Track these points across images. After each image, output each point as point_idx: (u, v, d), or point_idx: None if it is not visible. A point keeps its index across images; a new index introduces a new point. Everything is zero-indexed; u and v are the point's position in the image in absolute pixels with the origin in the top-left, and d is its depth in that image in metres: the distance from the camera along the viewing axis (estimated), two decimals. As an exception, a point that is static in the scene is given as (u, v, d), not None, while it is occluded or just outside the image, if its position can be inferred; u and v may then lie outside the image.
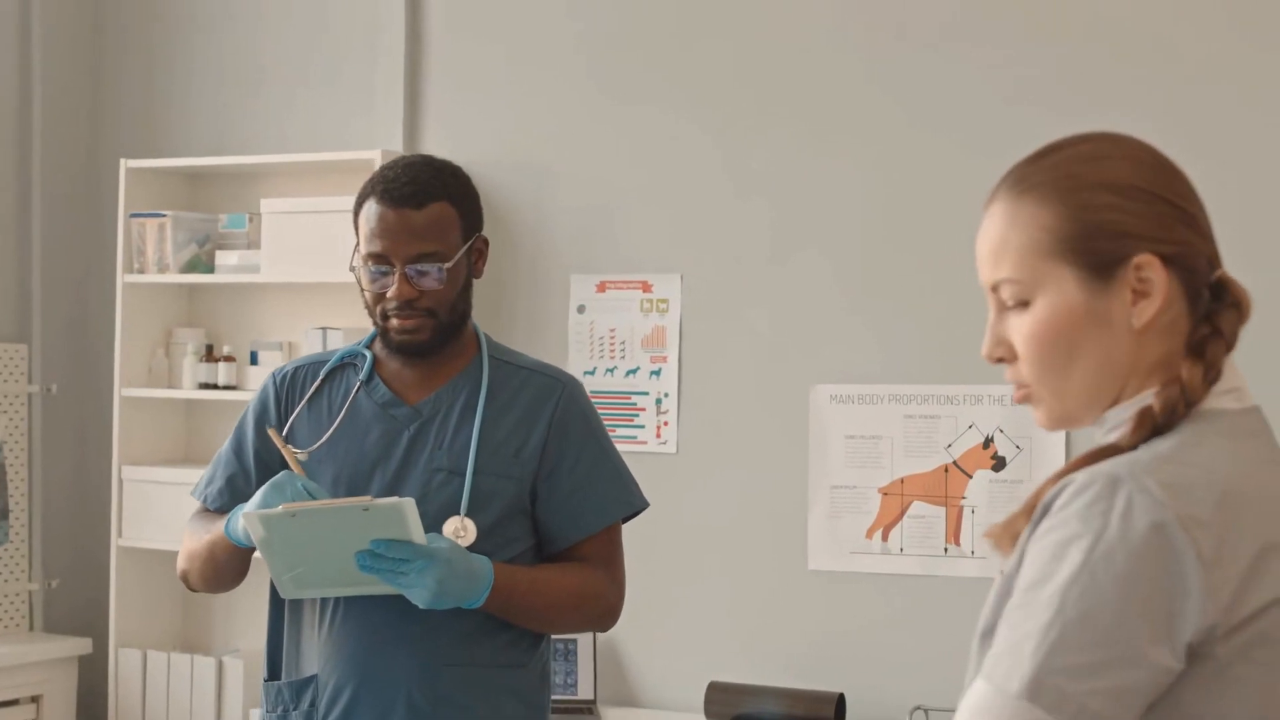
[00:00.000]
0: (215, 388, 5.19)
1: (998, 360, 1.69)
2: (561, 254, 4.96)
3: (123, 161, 5.27)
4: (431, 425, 2.85)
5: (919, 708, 4.38)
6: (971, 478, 4.49)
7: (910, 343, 4.57)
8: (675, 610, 4.76)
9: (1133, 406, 1.63)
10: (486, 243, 2.91)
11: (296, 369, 2.96)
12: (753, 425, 4.74)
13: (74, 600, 5.52)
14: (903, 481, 4.57)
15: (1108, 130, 1.71)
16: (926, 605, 4.51)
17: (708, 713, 4.51)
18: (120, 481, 5.20)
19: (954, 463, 4.52)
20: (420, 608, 2.68)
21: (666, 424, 4.84)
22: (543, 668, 2.92)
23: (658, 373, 4.86)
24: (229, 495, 2.92)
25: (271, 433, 2.81)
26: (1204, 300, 1.65)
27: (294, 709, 2.84)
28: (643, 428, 4.83)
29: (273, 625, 2.92)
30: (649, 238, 4.88)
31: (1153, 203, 1.62)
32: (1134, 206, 1.62)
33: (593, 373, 4.87)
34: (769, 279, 4.73)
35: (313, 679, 2.82)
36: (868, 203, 4.64)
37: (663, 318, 4.87)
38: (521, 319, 4.93)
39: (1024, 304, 1.65)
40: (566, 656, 4.72)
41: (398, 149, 5.11)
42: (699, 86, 4.84)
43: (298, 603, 2.86)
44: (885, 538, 4.57)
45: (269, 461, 2.89)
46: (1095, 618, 1.48)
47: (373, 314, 2.85)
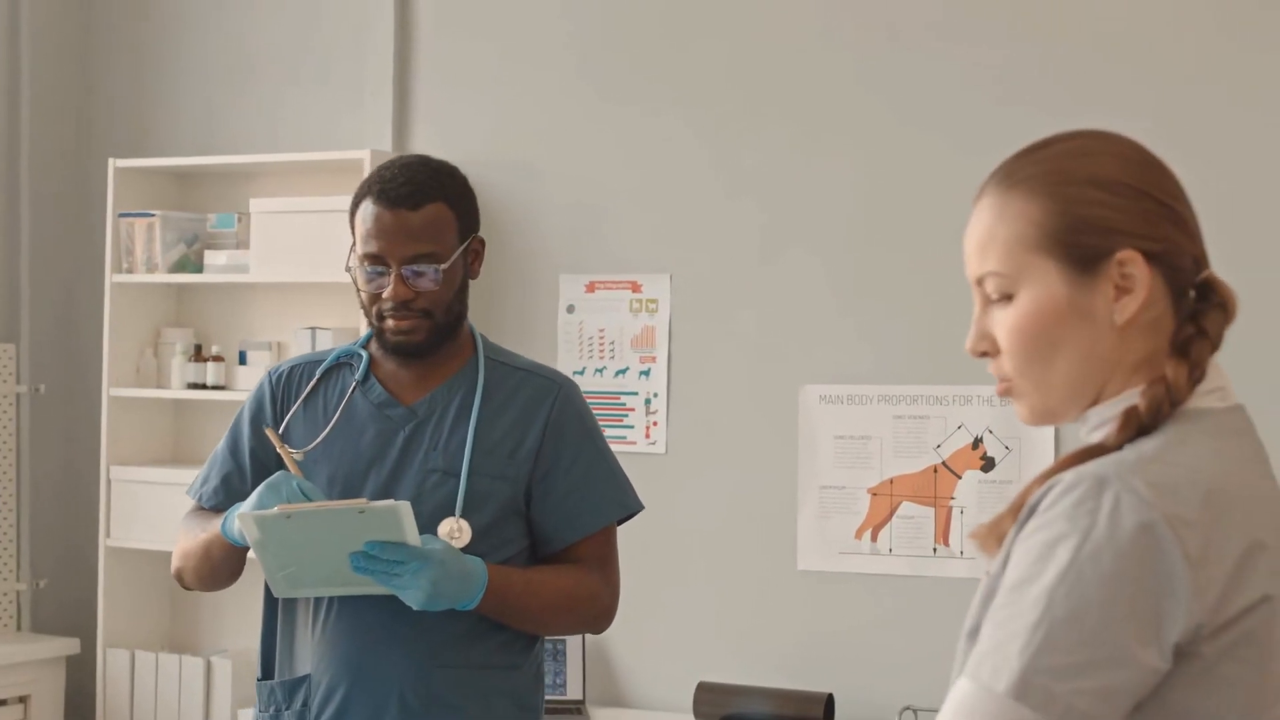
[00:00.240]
0: (204, 388, 5.18)
1: (981, 354, 1.69)
2: (551, 254, 4.96)
3: (111, 161, 5.26)
4: (427, 426, 2.85)
5: (908, 708, 4.38)
6: (960, 478, 4.49)
7: (900, 343, 4.57)
8: (664, 610, 4.76)
9: (1117, 405, 1.63)
10: (483, 243, 2.91)
11: (292, 368, 2.96)
12: (742, 426, 4.74)
13: (62, 600, 5.51)
14: (892, 482, 4.57)
15: (1098, 128, 1.71)
16: (915, 605, 4.51)
17: (697, 713, 4.51)
18: (108, 481, 5.19)
19: (943, 463, 4.52)
20: (414, 609, 2.68)
21: (656, 424, 4.84)
22: (537, 669, 2.92)
23: (647, 373, 4.86)
24: (224, 494, 2.92)
25: (269, 432, 2.81)
26: (1189, 300, 1.65)
27: (287, 709, 2.83)
28: (632, 428, 4.83)
29: (266, 625, 2.91)
30: (639, 238, 4.88)
31: (1139, 199, 1.63)
32: (1120, 202, 1.62)
33: (582, 373, 4.87)
34: (758, 279, 4.73)
35: (305, 679, 2.82)
36: (857, 203, 4.64)
37: (652, 318, 4.86)
38: (511, 319, 4.93)
39: (1008, 297, 1.66)
40: (555, 656, 4.71)
41: (387, 148, 5.10)
42: (689, 86, 4.84)
43: (291, 602, 2.86)
44: (874, 538, 4.57)
45: (264, 460, 2.88)
46: (1083, 617, 1.48)
47: (369, 314, 2.85)
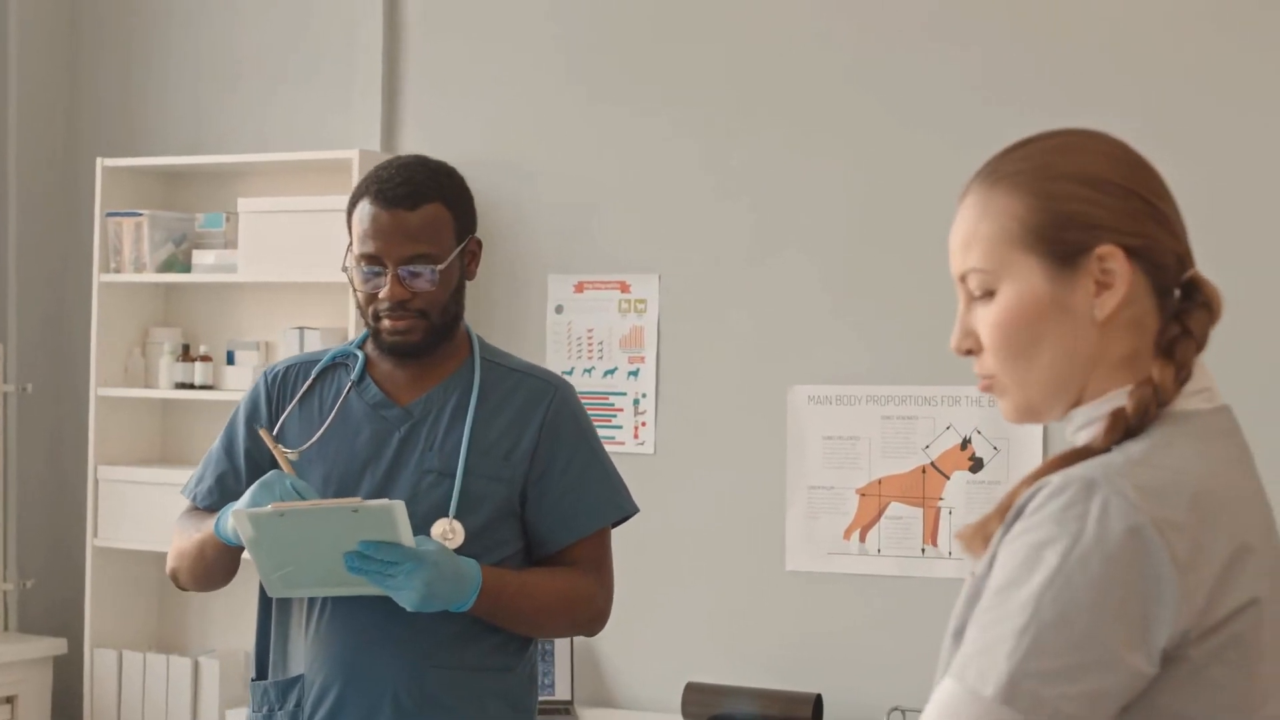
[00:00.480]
0: (192, 387, 5.18)
1: (966, 352, 1.69)
2: (539, 254, 4.95)
3: (99, 160, 5.25)
4: (422, 426, 2.84)
5: (896, 708, 4.39)
6: (949, 479, 4.50)
7: (888, 344, 4.57)
8: (653, 611, 4.76)
9: (1103, 406, 1.63)
10: (480, 244, 2.91)
11: (288, 368, 2.96)
12: (731, 426, 4.74)
13: (49, 600, 5.50)
14: (880, 482, 4.57)
15: (1085, 127, 1.71)
16: (904, 606, 4.51)
17: (685, 713, 4.51)
18: (96, 481, 5.18)
19: (932, 464, 4.52)
20: (407, 610, 2.68)
21: (644, 424, 4.83)
22: (531, 671, 2.92)
23: (636, 373, 4.86)
24: (219, 494, 2.91)
25: (262, 433, 2.81)
26: (1174, 299, 1.65)
27: (279, 709, 2.83)
28: (620, 428, 4.82)
29: (261, 625, 2.91)
30: (627, 238, 4.88)
31: (1122, 196, 1.63)
32: (1102, 198, 1.62)
33: (570, 373, 4.86)
34: (747, 280, 4.73)
35: (299, 679, 2.82)
36: (846, 204, 4.64)
37: (641, 318, 4.86)
38: (499, 319, 4.92)
39: (990, 294, 1.66)
40: (544, 657, 4.71)
41: (376, 148, 5.10)
42: (678, 86, 4.84)
43: (286, 602, 2.85)
44: (863, 538, 4.57)
45: (259, 460, 2.88)
46: (1071, 621, 1.48)
47: (365, 314, 2.84)
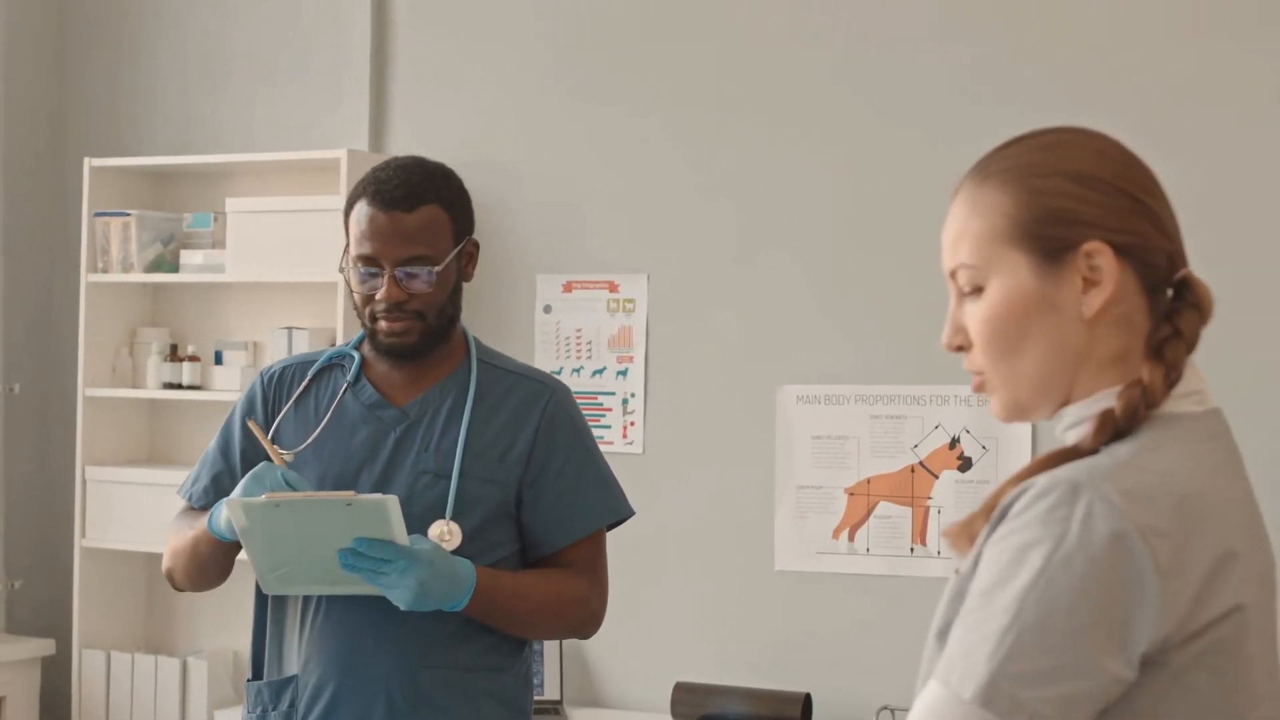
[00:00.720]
0: (180, 387, 5.17)
1: (956, 349, 1.69)
2: (528, 254, 4.95)
3: (87, 160, 5.24)
4: (418, 427, 2.84)
5: (885, 707, 4.39)
6: (938, 478, 4.50)
7: (877, 343, 4.58)
8: (642, 610, 4.75)
9: (1092, 405, 1.63)
10: (477, 246, 2.91)
11: (284, 369, 2.96)
12: (719, 426, 4.74)
13: (37, 601, 5.49)
14: (869, 482, 4.58)
15: (1078, 125, 1.71)
16: (893, 605, 4.51)
17: (674, 713, 4.51)
18: (84, 482, 5.17)
19: (920, 463, 4.52)
20: (401, 609, 2.68)
21: (633, 424, 4.83)
22: (525, 672, 2.92)
23: (624, 373, 4.86)
24: (214, 494, 2.90)
25: (251, 424, 2.80)
26: (1165, 298, 1.65)
27: (273, 709, 2.83)
28: (609, 428, 4.82)
29: (257, 625, 2.91)
30: (616, 238, 4.88)
31: (1111, 194, 1.62)
32: (1091, 195, 1.62)
33: (559, 373, 4.86)
34: (736, 279, 4.73)
35: (293, 679, 2.82)
36: (834, 204, 4.64)
37: (629, 318, 4.86)
38: (488, 319, 4.92)
39: (978, 290, 1.66)
40: (533, 657, 4.70)
41: (364, 148, 5.09)
42: (666, 86, 4.84)
43: (281, 603, 2.85)
44: (852, 538, 4.58)
45: (255, 461, 2.87)
46: (1052, 625, 1.48)
47: (361, 315, 2.84)
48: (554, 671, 4.73)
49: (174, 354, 5.22)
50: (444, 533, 2.75)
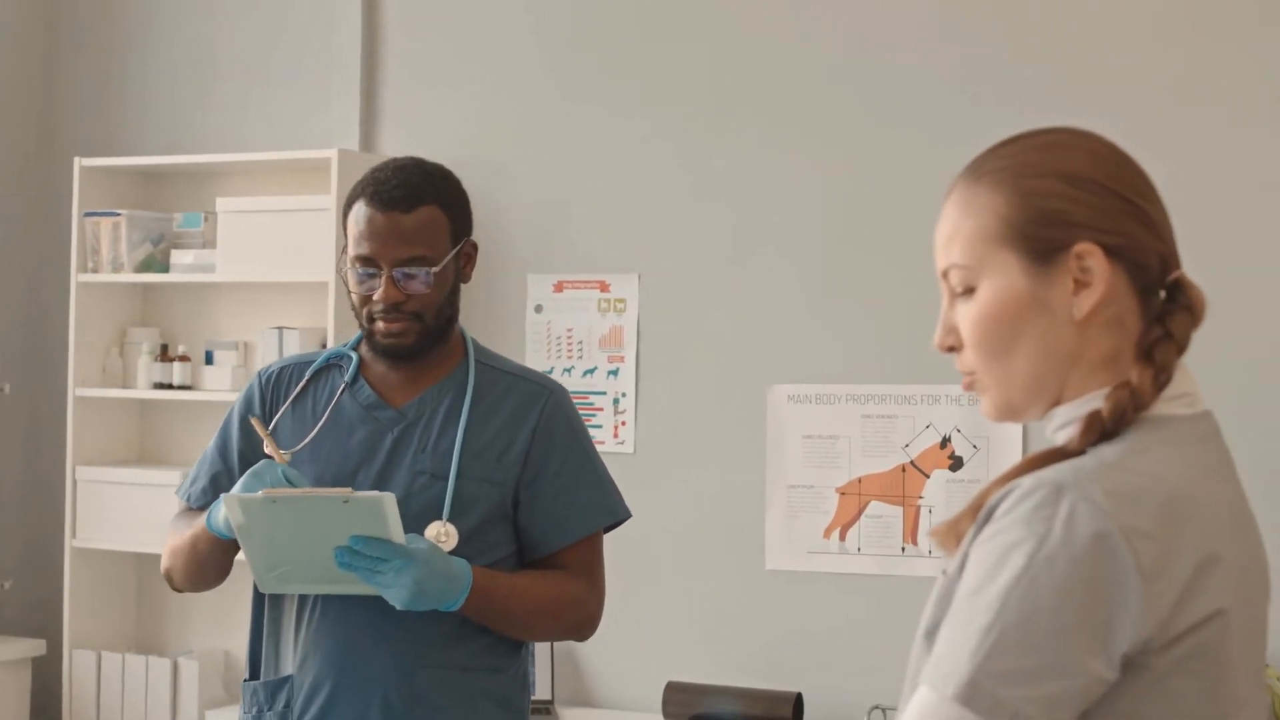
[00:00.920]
0: (170, 387, 5.16)
1: (948, 349, 1.69)
2: (519, 253, 4.95)
3: (76, 160, 5.23)
4: (416, 428, 2.84)
5: (876, 707, 4.39)
6: (929, 477, 4.50)
7: (868, 343, 4.58)
8: (633, 610, 4.75)
9: (1081, 407, 1.63)
10: (475, 247, 2.91)
11: (282, 369, 2.95)
12: (710, 425, 4.74)
13: (27, 601, 5.48)
14: (860, 481, 4.58)
15: (1072, 125, 1.71)
16: (884, 605, 4.51)
17: (666, 712, 4.51)
18: (74, 482, 5.16)
19: (911, 462, 4.53)
20: (397, 608, 2.67)
21: (624, 424, 4.83)
22: (522, 672, 2.92)
23: (615, 373, 4.86)
24: (212, 494, 2.90)
25: (254, 421, 2.80)
26: (1157, 300, 1.65)
27: (269, 709, 2.82)
28: (600, 428, 4.82)
29: (254, 625, 2.90)
30: (607, 237, 4.88)
31: (1103, 195, 1.62)
32: (1083, 196, 1.62)
33: (550, 372, 4.86)
34: (727, 279, 4.73)
35: (288, 679, 2.81)
36: (826, 204, 4.64)
37: (620, 317, 4.86)
38: (478, 318, 4.91)
39: (970, 290, 1.66)
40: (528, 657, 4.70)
41: (354, 148, 5.09)
42: (658, 86, 4.84)
43: (278, 602, 2.85)
44: (843, 537, 4.58)
45: (254, 461, 2.86)
46: (1034, 624, 1.48)
47: (359, 316, 2.84)
48: (545, 671, 4.73)
49: (164, 354, 5.21)
50: (441, 533, 2.75)
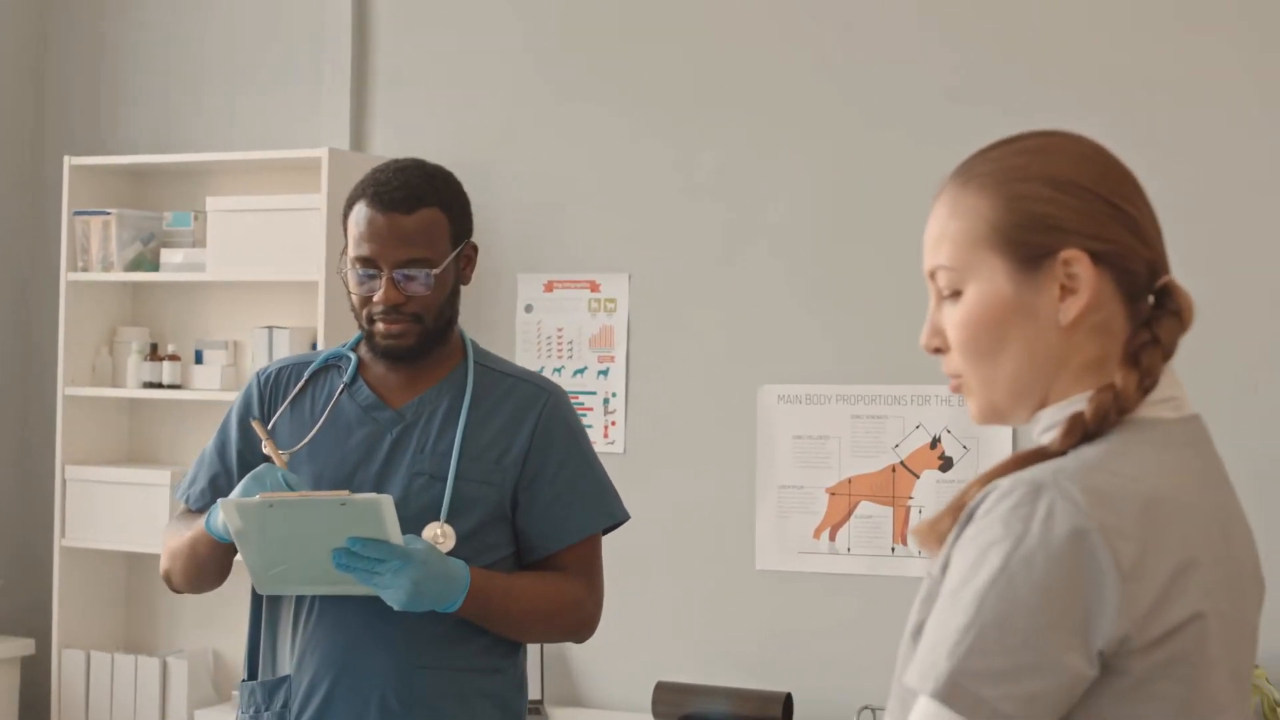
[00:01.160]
0: (160, 387, 5.16)
1: (935, 350, 1.69)
2: (509, 253, 4.95)
3: (66, 158, 5.22)
4: (414, 429, 2.84)
5: (866, 707, 4.39)
6: (919, 478, 4.50)
7: (858, 343, 4.58)
8: (623, 610, 4.75)
9: (1066, 409, 1.63)
10: (475, 249, 2.91)
11: (280, 369, 2.95)
12: (701, 425, 4.74)
13: (16, 601, 5.47)
14: (850, 481, 4.58)
15: (1064, 129, 1.71)
16: (874, 605, 4.52)
17: (655, 712, 4.51)
18: (63, 481, 5.15)
19: (901, 463, 4.53)
20: (395, 609, 2.67)
21: (614, 424, 4.83)
22: (520, 674, 2.91)
23: (605, 372, 4.86)
24: (211, 496, 2.90)
25: (255, 424, 2.79)
26: (1145, 305, 1.65)
27: (266, 709, 2.82)
28: (590, 428, 4.82)
29: (252, 625, 2.90)
30: (597, 237, 4.88)
31: (1091, 201, 1.62)
32: (1070, 201, 1.62)
33: (540, 372, 4.85)
34: (717, 279, 4.74)
35: (285, 679, 2.81)
36: (817, 204, 4.64)
37: (610, 317, 4.86)
38: (468, 318, 4.85)
39: (957, 293, 1.66)
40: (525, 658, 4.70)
41: (344, 147, 5.08)
42: (647, 85, 4.84)
43: (276, 603, 2.85)
44: (833, 538, 4.58)
45: (252, 462, 2.87)
46: (1012, 622, 1.48)
47: (359, 317, 2.84)
48: (535, 671, 4.72)
49: (154, 353, 5.21)
50: (438, 535, 2.75)
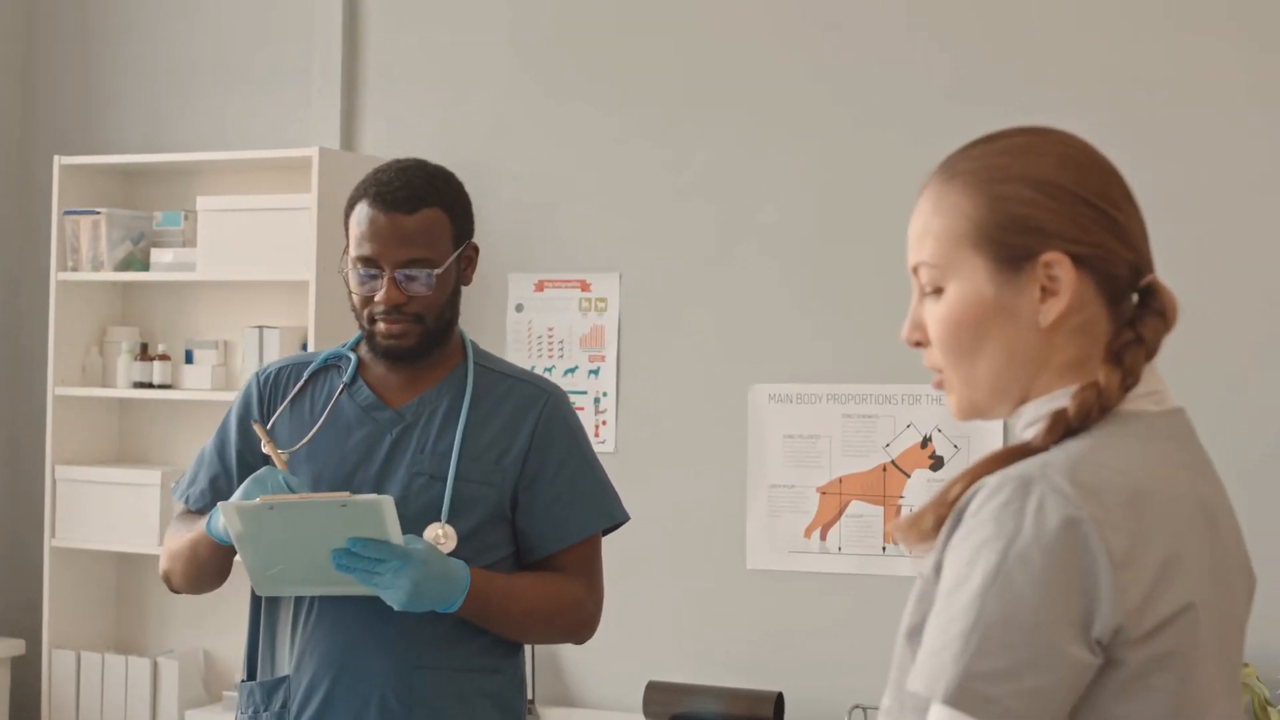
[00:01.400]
0: (150, 386, 5.15)
1: (915, 344, 1.70)
2: (499, 252, 4.94)
3: (56, 158, 5.21)
4: (414, 429, 2.84)
5: (857, 706, 4.39)
6: (910, 477, 4.51)
7: (849, 343, 4.58)
8: (614, 609, 4.72)
9: (1048, 404, 1.64)
10: (477, 250, 2.91)
11: (280, 369, 2.95)
12: (691, 425, 4.74)
13: (6, 601, 5.47)
14: (841, 481, 4.58)
15: (1052, 126, 1.71)
16: (865, 604, 4.52)
17: (646, 712, 4.51)
18: (53, 481, 5.14)
19: (892, 462, 4.53)
20: (395, 609, 2.67)
21: (605, 423, 4.83)
22: (519, 674, 2.91)
23: (596, 372, 4.86)
24: (211, 496, 2.90)
25: (257, 427, 2.79)
26: (1128, 305, 1.65)
27: (265, 710, 2.81)
28: (581, 427, 4.81)
29: (252, 625, 2.90)
30: (588, 237, 4.87)
31: (1072, 202, 1.62)
32: (1051, 204, 1.62)
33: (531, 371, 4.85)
34: (708, 278, 4.73)
35: (285, 680, 2.80)
36: (807, 203, 4.64)
37: (601, 317, 4.86)
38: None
39: (938, 290, 1.66)
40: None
41: (335, 147, 5.08)
42: (638, 85, 4.83)
43: (275, 603, 2.84)
44: (824, 537, 4.58)
45: (251, 462, 2.87)
46: (1015, 620, 1.49)
47: (359, 317, 2.84)
48: (526, 671, 4.71)
49: (144, 353, 5.20)
50: (439, 535, 2.74)
